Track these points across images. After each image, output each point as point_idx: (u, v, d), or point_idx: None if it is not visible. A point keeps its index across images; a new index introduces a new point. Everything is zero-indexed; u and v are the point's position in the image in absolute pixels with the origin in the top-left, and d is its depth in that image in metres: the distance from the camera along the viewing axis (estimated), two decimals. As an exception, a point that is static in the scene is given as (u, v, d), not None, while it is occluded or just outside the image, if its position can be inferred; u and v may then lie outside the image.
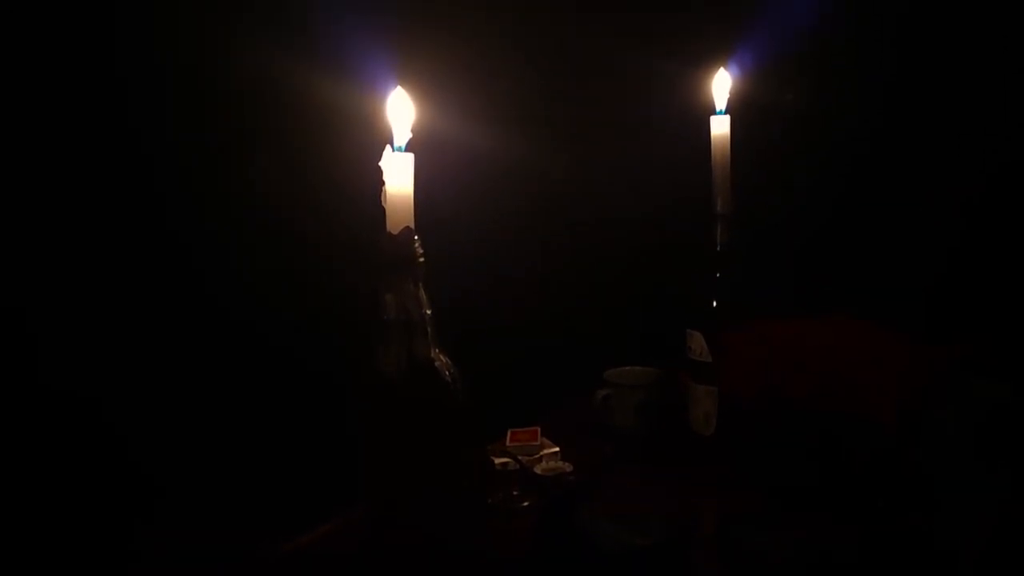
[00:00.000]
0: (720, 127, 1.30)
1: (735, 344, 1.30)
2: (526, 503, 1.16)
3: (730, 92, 1.32)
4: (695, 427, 1.32)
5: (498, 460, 1.20)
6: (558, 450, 1.27)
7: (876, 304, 1.48)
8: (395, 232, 0.88)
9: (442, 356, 0.91)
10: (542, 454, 1.25)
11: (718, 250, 1.30)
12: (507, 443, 1.27)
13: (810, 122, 1.72)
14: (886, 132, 1.68)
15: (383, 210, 0.89)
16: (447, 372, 0.91)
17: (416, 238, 0.89)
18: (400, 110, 0.91)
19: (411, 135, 0.90)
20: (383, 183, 0.88)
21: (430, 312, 0.90)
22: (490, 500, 1.16)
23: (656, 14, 1.71)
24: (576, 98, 1.70)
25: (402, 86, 0.92)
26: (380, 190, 0.89)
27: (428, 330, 0.90)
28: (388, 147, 0.89)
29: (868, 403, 1.26)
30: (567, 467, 1.24)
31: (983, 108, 1.61)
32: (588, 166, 1.71)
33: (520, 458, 1.21)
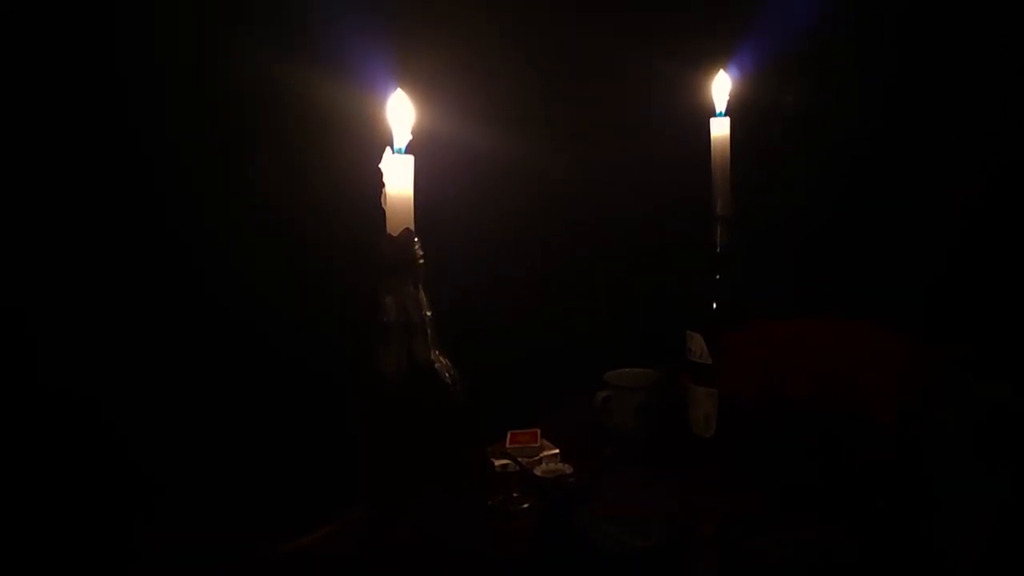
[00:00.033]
0: (720, 129, 1.30)
1: (735, 344, 1.30)
2: (526, 505, 1.16)
3: (730, 94, 1.33)
4: (695, 429, 1.32)
5: (498, 462, 1.20)
6: (558, 452, 1.27)
7: (876, 304, 1.48)
8: (395, 234, 0.89)
9: (442, 358, 0.91)
10: (542, 456, 1.26)
11: (718, 251, 1.31)
12: (507, 445, 1.26)
13: (810, 123, 1.72)
14: (886, 132, 1.68)
15: (383, 212, 0.89)
16: (447, 374, 0.91)
17: (416, 240, 0.89)
18: (400, 112, 0.91)
19: (411, 137, 0.90)
20: (383, 185, 0.89)
21: (430, 314, 0.90)
22: (490, 502, 1.16)
23: (656, 16, 1.71)
24: (575, 100, 1.70)
25: (402, 88, 0.92)
26: (380, 192, 0.89)
27: (428, 332, 0.90)
28: (388, 149, 0.89)
29: (868, 403, 1.26)
30: (567, 469, 1.24)
31: (983, 108, 1.61)
32: (588, 168, 1.71)
33: (520, 460, 1.21)
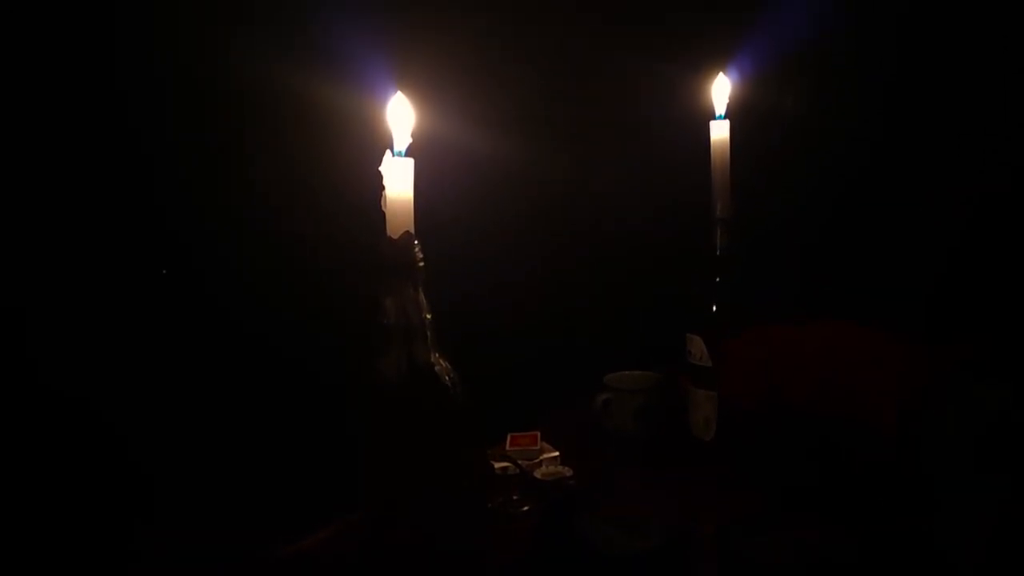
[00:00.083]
0: (720, 131, 1.30)
1: (735, 347, 1.30)
2: (526, 507, 1.16)
3: (730, 96, 1.32)
4: (695, 431, 1.31)
5: (498, 464, 1.20)
6: (558, 454, 1.27)
7: (876, 306, 1.48)
8: (395, 237, 0.88)
9: (442, 360, 0.91)
10: (542, 458, 1.25)
11: (718, 254, 1.30)
12: (507, 447, 1.26)
13: (809, 126, 1.72)
14: (886, 133, 1.68)
15: (383, 214, 0.89)
16: (447, 376, 0.91)
17: (416, 243, 0.89)
18: (400, 115, 0.91)
19: (411, 140, 0.90)
20: (383, 188, 0.88)
21: (430, 316, 0.90)
22: (490, 504, 1.16)
23: (656, 18, 1.71)
24: (575, 103, 1.70)
25: (402, 91, 0.92)
26: (380, 194, 0.89)
27: (428, 334, 0.90)
28: (388, 152, 0.89)
29: (868, 405, 1.26)
30: (567, 471, 1.24)
31: (983, 108, 1.61)
32: (588, 171, 1.71)
33: (520, 462, 1.21)
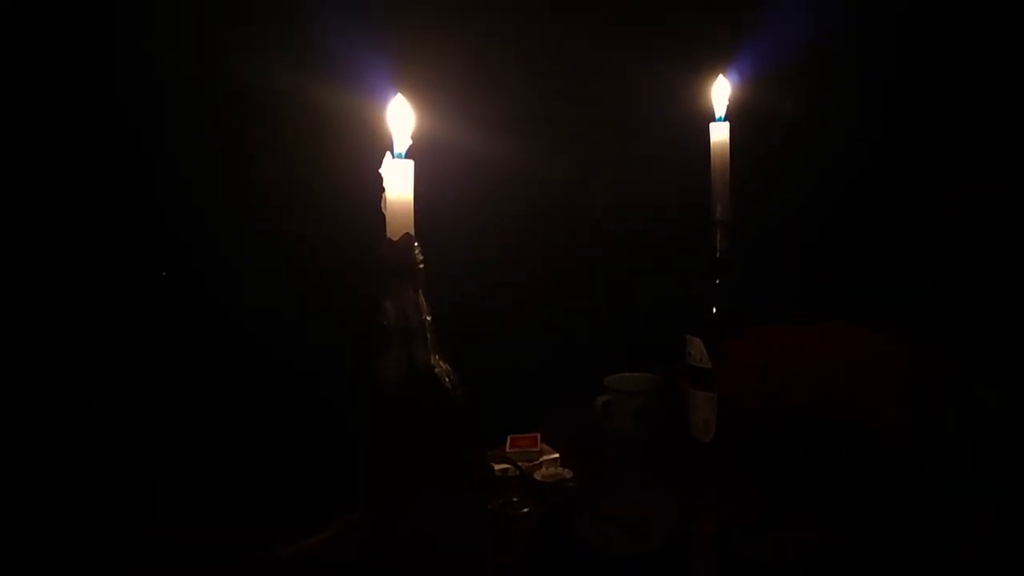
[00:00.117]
0: (719, 133, 1.30)
1: (734, 350, 1.30)
2: (526, 509, 1.16)
3: (729, 98, 1.32)
4: (694, 433, 1.31)
5: (498, 466, 1.21)
6: (558, 456, 1.27)
7: (876, 306, 1.48)
8: (395, 238, 0.88)
9: (442, 362, 0.91)
10: (542, 460, 1.25)
11: (718, 256, 1.30)
12: (507, 449, 1.26)
13: (809, 128, 1.72)
14: (886, 134, 1.68)
15: (383, 216, 0.89)
16: (447, 378, 0.91)
17: (416, 244, 0.89)
18: (400, 117, 0.91)
19: (411, 142, 0.90)
20: (383, 189, 0.88)
21: (430, 318, 0.90)
22: (490, 506, 1.15)
23: (656, 20, 1.70)
24: (575, 105, 1.70)
25: (402, 93, 0.92)
26: (380, 196, 0.89)
27: (428, 336, 0.90)
28: (388, 154, 0.89)
29: (868, 405, 1.26)
30: (567, 473, 1.24)
31: (983, 108, 1.61)
32: (588, 172, 1.71)
33: (520, 464, 1.21)
